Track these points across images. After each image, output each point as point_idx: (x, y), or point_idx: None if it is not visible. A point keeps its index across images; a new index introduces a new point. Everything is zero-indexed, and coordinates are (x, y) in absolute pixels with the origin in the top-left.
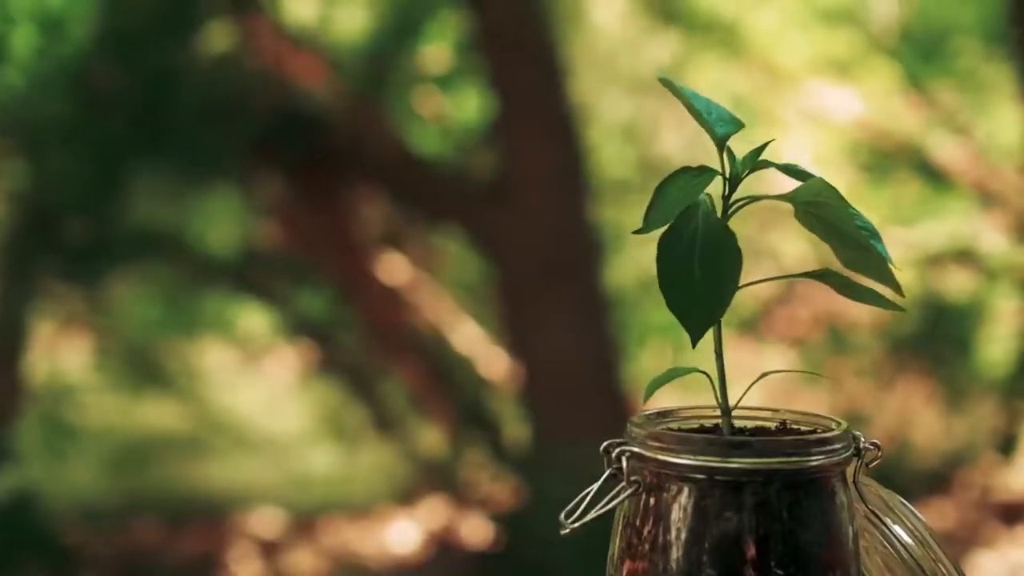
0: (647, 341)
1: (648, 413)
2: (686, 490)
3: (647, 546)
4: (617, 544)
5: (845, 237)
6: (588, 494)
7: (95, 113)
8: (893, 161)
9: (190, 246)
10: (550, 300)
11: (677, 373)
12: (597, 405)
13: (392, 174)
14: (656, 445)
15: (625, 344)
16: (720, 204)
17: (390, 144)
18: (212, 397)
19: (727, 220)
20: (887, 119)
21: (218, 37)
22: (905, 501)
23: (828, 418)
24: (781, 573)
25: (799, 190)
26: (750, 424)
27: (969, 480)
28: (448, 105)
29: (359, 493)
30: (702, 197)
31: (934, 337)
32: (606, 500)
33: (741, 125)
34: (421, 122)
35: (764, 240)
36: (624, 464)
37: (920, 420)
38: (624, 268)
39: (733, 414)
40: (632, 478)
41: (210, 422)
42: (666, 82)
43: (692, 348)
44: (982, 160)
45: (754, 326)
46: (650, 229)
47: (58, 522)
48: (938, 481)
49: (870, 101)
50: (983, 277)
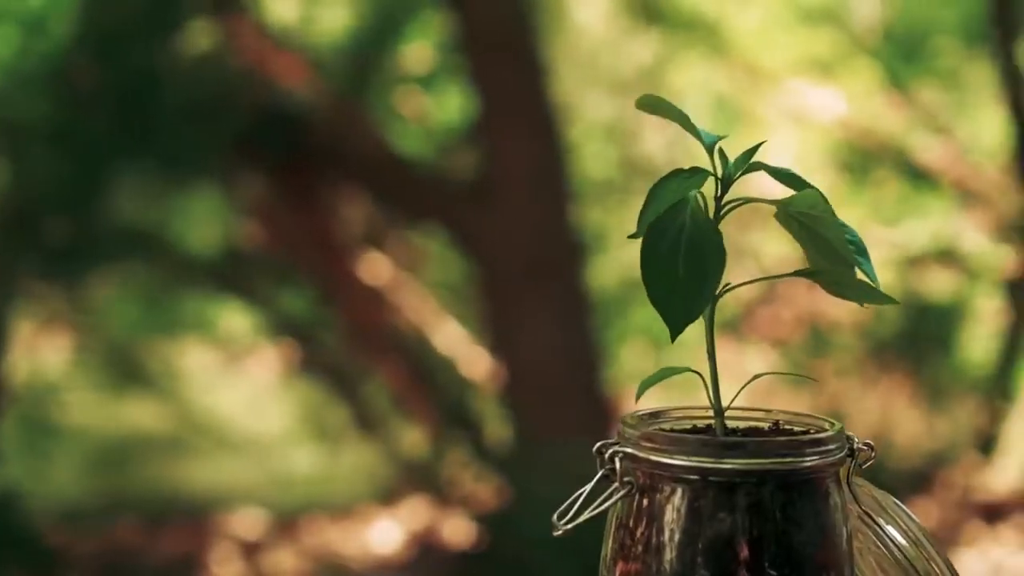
0: (629, 341)
1: (640, 413)
2: (679, 491)
3: (640, 547)
4: (610, 545)
5: (830, 251)
6: (581, 495)
7: (76, 112)
8: (875, 161)
9: (172, 245)
10: (532, 300)
11: (669, 373)
12: (579, 405)
13: (374, 174)
14: (649, 446)
15: (607, 344)
16: (712, 205)
17: (372, 144)
18: (194, 397)
19: (719, 221)
20: (869, 119)
21: (200, 36)
22: (899, 502)
23: (821, 418)
24: (775, 574)
25: (794, 199)
26: (743, 425)
27: (951, 479)
28: (430, 105)
29: (341, 493)
30: (691, 194)
31: (916, 337)
32: (599, 501)
33: (723, 136)
34: (403, 122)
35: (745, 240)
36: (617, 465)
37: (902, 420)
38: (606, 268)
39: (725, 415)
40: (625, 479)
41: (192, 422)
42: (647, 102)
43: (671, 343)
44: (964, 160)
45: (736, 326)
46: (643, 233)
47: (39, 522)
48: (920, 480)
49: (852, 101)
50: (965, 277)
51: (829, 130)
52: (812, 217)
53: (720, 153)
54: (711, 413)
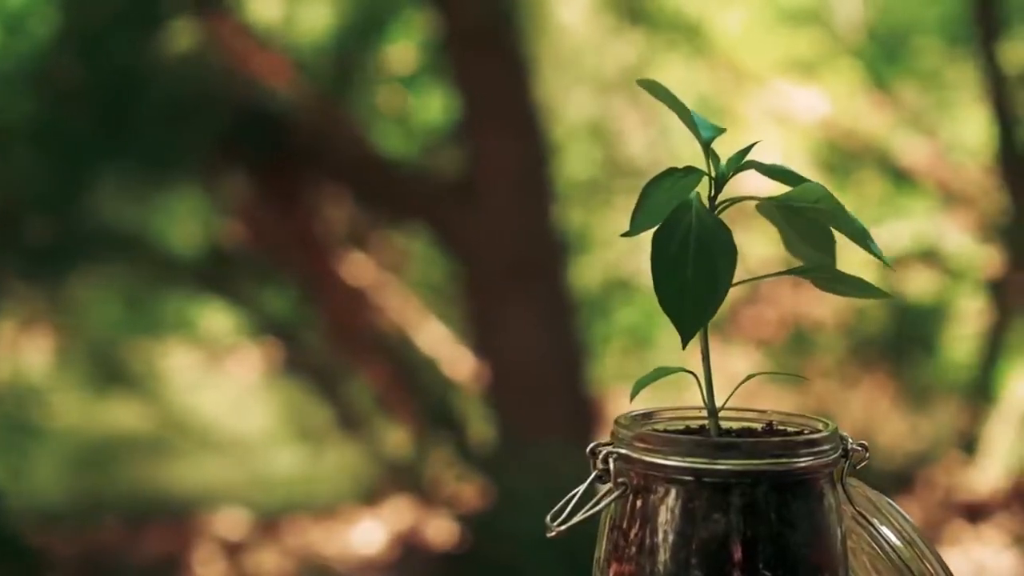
0: (612, 341)
1: (633, 414)
2: (673, 492)
3: (634, 549)
4: (603, 547)
5: (820, 240)
6: (574, 496)
7: (58, 112)
8: (857, 161)
9: (154, 245)
10: (516, 300)
11: (663, 373)
12: (562, 405)
13: (357, 173)
14: (643, 447)
15: (590, 344)
16: (707, 205)
17: (355, 143)
18: (176, 397)
19: (719, 218)
20: (852, 119)
21: (182, 36)
22: (893, 502)
23: (815, 418)
24: (769, 575)
25: (793, 193)
26: (736, 425)
27: (933, 479)
28: (413, 105)
29: (324, 493)
30: (693, 195)
31: (898, 337)
32: (593, 503)
33: (722, 129)
34: (386, 122)
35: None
36: (611, 466)
37: (885, 420)
38: (590, 268)
39: (718, 415)
40: (619, 480)
41: (174, 422)
42: (650, 85)
43: (683, 349)
44: (946, 160)
45: (720, 327)
46: (637, 231)
47: (21, 523)
48: (903, 480)
49: (835, 101)
50: (947, 277)
51: (812, 130)
52: (816, 210)
53: (713, 153)
54: (704, 414)
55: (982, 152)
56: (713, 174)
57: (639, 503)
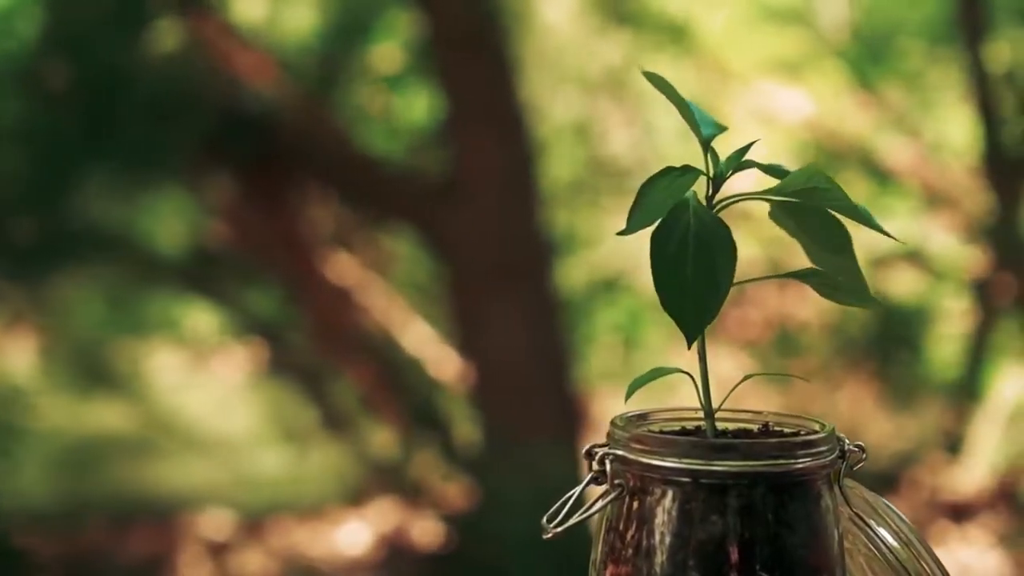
0: (597, 341)
1: (629, 415)
2: (670, 493)
3: (631, 550)
4: (600, 548)
5: (825, 231)
6: (570, 498)
7: (42, 111)
8: (842, 161)
9: (138, 245)
10: (501, 300)
11: (660, 373)
12: (548, 405)
13: (342, 174)
14: (639, 448)
15: (575, 344)
16: (704, 204)
17: (340, 143)
18: (160, 397)
19: (718, 216)
20: (836, 119)
21: (167, 36)
22: (890, 503)
23: (811, 419)
24: None
25: (789, 179)
26: (732, 426)
27: (918, 479)
28: (398, 105)
29: (309, 494)
30: (691, 194)
31: (883, 338)
32: (590, 504)
33: (724, 128)
34: (371, 122)
35: None
36: (608, 467)
37: (869, 420)
38: (575, 268)
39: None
40: (615, 481)
41: (159, 423)
42: (654, 79)
43: (688, 349)
44: (930, 161)
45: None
46: (634, 230)
47: (6, 524)
48: (888, 480)
49: (819, 101)
50: (932, 278)
51: (796, 131)
52: (810, 193)
53: (711, 151)
54: (699, 414)
55: (966, 153)
56: (711, 173)
57: (636, 504)
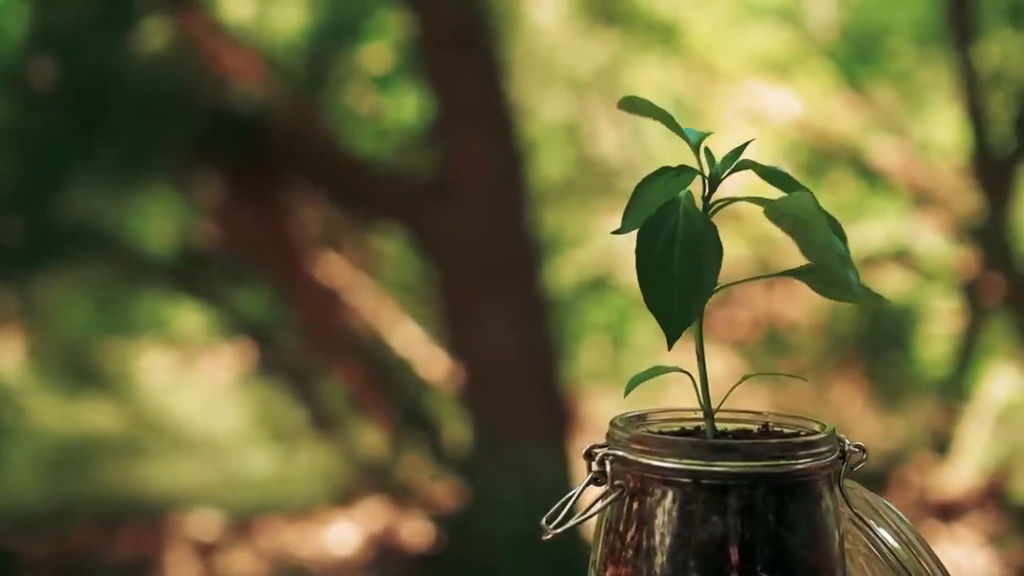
0: (586, 341)
1: (628, 416)
2: (670, 494)
3: (631, 551)
4: (599, 549)
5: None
6: (570, 499)
7: (31, 111)
8: (830, 161)
9: (127, 245)
10: (490, 300)
11: (659, 371)
12: (537, 405)
13: (331, 173)
14: (639, 448)
15: (565, 344)
16: (700, 205)
17: (329, 143)
18: (149, 398)
19: (706, 216)
20: (824, 120)
21: (155, 35)
22: (890, 504)
23: (811, 420)
24: None
25: (783, 201)
26: (731, 427)
27: (907, 479)
28: (387, 105)
29: (297, 494)
30: (682, 194)
31: (872, 337)
32: (590, 505)
33: (707, 134)
34: (360, 122)
35: None
36: (608, 468)
37: (858, 419)
38: (564, 268)
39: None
40: (616, 482)
41: (147, 423)
42: (630, 102)
43: (668, 350)
44: (919, 161)
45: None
46: (628, 229)
47: None
48: (876, 480)
49: (807, 101)
50: (920, 278)
51: (784, 131)
52: (797, 220)
53: (707, 152)
54: (698, 415)
55: (955, 153)
56: (707, 173)
57: (636, 505)
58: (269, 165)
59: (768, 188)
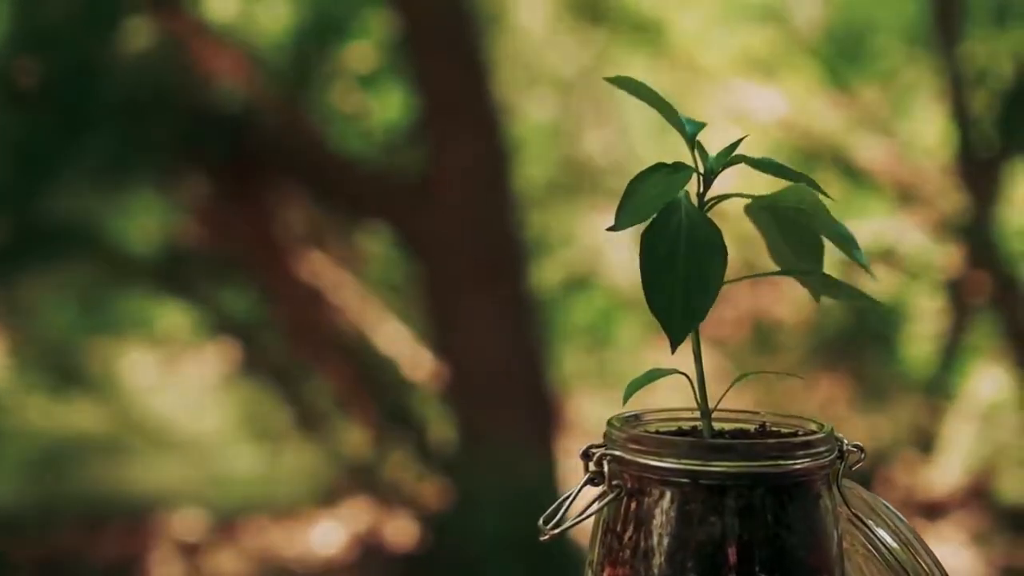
0: (572, 341)
1: (625, 416)
2: (668, 494)
3: (628, 552)
4: (597, 550)
5: (810, 247)
6: (568, 499)
7: (14, 110)
8: (816, 160)
9: (111, 245)
10: (475, 300)
11: (657, 375)
12: (522, 405)
13: (316, 173)
14: (637, 448)
15: (549, 344)
16: (695, 202)
17: (313, 142)
18: (133, 397)
19: (708, 217)
20: (810, 119)
21: (139, 34)
22: (889, 504)
23: (809, 419)
24: None
25: (781, 194)
26: (728, 426)
27: (892, 478)
28: (372, 104)
29: (282, 494)
30: (682, 193)
31: (857, 336)
32: (587, 505)
33: (702, 124)
34: (345, 121)
35: None
36: (605, 468)
37: (843, 418)
38: (549, 268)
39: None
40: (613, 482)
41: (131, 423)
42: (625, 81)
43: (672, 353)
44: (904, 160)
45: None
46: (623, 227)
47: None
48: (861, 479)
49: (793, 100)
50: (905, 277)
51: (770, 130)
52: (800, 212)
53: (700, 148)
54: (695, 415)
55: (940, 152)
56: (701, 170)
57: (633, 506)
58: (254, 164)
59: (752, 188)
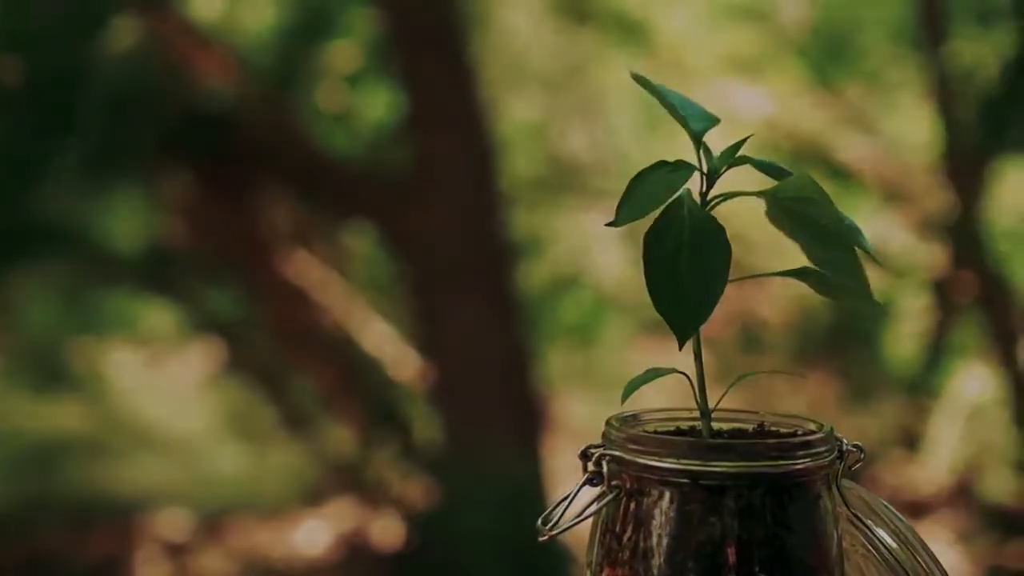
0: (558, 341)
1: (623, 415)
2: (668, 495)
3: (627, 552)
4: (596, 551)
5: (824, 236)
6: (567, 500)
7: None
8: (801, 159)
9: (96, 244)
10: (461, 299)
11: (656, 374)
12: (508, 405)
13: (301, 172)
14: (636, 448)
15: (536, 343)
16: (698, 200)
17: (299, 142)
18: (118, 397)
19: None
20: (795, 118)
21: (125, 33)
22: (887, 503)
23: (808, 419)
24: None
25: (782, 185)
26: (727, 426)
27: (877, 477)
28: (358, 103)
29: (268, 494)
30: (684, 192)
31: (843, 335)
32: (586, 506)
33: (716, 120)
34: (331, 120)
35: None
36: (604, 468)
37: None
38: (536, 267)
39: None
40: (612, 483)
41: (116, 423)
42: (639, 79)
43: (679, 350)
44: (890, 159)
45: (663, 325)
46: (622, 223)
47: None
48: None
49: (779, 100)
50: (891, 275)
51: (755, 129)
52: (804, 201)
53: (704, 147)
54: (693, 415)
55: (926, 151)
56: (705, 169)
57: (632, 506)
58: (239, 163)
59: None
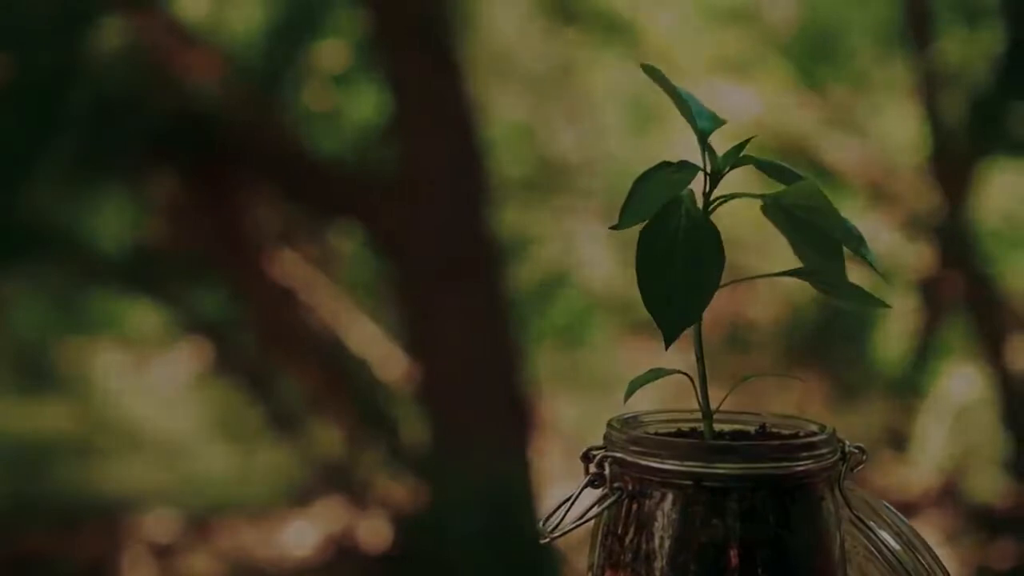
0: (546, 342)
1: (624, 417)
2: (670, 497)
3: (630, 555)
4: (597, 553)
5: (823, 244)
6: (569, 502)
7: None
8: (788, 160)
9: (82, 244)
10: (449, 300)
11: (658, 374)
12: (496, 405)
13: (288, 172)
14: (638, 450)
15: (524, 344)
16: (701, 201)
17: (286, 141)
18: (104, 398)
19: (708, 217)
20: (782, 119)
21: (111, 33)
22: (890, 505)
23: (809, 421)
24: None
25: (788, 191)
26: (728, 428)
27: (865, 477)
28: (345, 103)
29: (255, 495)
30: (684, 192)
31: (830, 336)
32: (588, 508)
33: (722, 121)
34: (317, 119)
35: None
36: (607, 470)
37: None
38: (523, 268)
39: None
40: (614, 484)
41: (102, 423)
42: (651, 71)
43: (665, 350)
44: (877, 159)
45: (651, 326)
46: (626, 225)
47: None
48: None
49: (765, 101)
50: (878, 276)
51: (742, 130)
52: (808, 209)
53: (708, 147)
54: (694, 416)
55: (913, 151)
56: (709, 169)
57: (634, 508)
58: (226, 163)
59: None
